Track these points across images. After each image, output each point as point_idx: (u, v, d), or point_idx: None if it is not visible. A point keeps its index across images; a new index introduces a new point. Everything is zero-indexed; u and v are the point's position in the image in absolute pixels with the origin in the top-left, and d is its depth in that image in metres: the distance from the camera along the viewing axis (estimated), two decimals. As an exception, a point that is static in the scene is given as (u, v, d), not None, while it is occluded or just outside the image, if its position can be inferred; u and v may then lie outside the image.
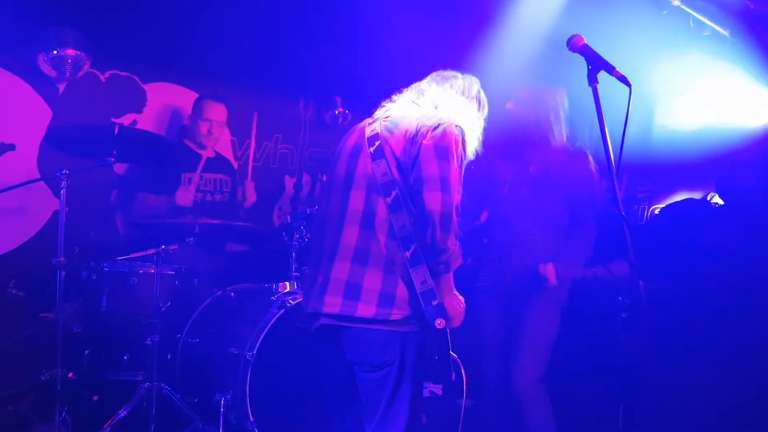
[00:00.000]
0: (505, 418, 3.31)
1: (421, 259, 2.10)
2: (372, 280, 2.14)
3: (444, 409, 4.41)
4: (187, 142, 4.56)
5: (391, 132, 2.28)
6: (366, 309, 2.12)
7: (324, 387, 2.48)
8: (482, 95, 2.55)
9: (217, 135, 4.59)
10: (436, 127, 2.22)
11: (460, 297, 2.29)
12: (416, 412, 2.19)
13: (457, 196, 2.15)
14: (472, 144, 2.45)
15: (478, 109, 2.52)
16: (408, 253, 2.11)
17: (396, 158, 2.22)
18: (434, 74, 2.54)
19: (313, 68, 5.26)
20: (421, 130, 2.22)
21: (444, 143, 2.19)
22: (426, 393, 4.67)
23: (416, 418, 2.20)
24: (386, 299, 2.12)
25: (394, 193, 2.16)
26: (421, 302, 2.09)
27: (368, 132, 2.32)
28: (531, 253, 3.18)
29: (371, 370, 2.17)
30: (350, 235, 2.21)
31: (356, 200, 2.24)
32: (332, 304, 2.18)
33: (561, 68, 2.88)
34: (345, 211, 2.25)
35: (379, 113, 2.44)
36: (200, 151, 4.53)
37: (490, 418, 3.34)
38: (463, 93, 2.48)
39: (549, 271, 3.08)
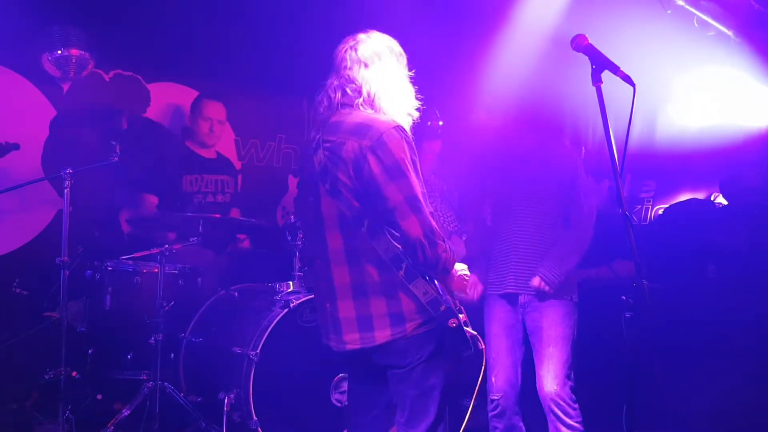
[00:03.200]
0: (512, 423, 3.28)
1: (416, 274, 2.10)
2: (378, 307, 2.13)
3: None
4: (188, 143, 4.56)
5: (335, 163, 2.14)
6: (383, 334, 2.13)
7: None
8: (392, 44, 2.34)
9: (218, 133, 4.59)
10: (375, 145, 2.07)
11: (460, 270, 2.32)
12: (443, 407, 2.20)
13: (428, 207, 2.13)
14: (410, 112, 2.28)
15: (398, 63, 2.32)
16: (401, 273, 2.09)
17: (352, 190, 2.11)
18: (346, 48, 2.33)
19: (317, 67, 5.25)
20: (362, 152, 2.08)
21: (391, 160, 2.06)
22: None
23: (444, 413, 2.21)
24: (397, 318, 2.12)
25: (366, 222, 2.11)
26: (430, 311, 2.10)
27: (317, 166, 2.20)
28: (534, 258, 3.15)
29: (398, 368, 2.19)
30: (341, 275, 2.18)
31: (333, 240, 2.18)
32: (352, 341, 2.18)
33: (565, 68, 2.87)
34: (327, 251, 2.20)
35: (316, 133, 2.30)
36: (202, 152, 4.54)
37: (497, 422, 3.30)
38: (379, 58, 2.27)
39: (536, 282, 3.08)
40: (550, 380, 3.07)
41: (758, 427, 3.53)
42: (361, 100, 2.22)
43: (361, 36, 2.33)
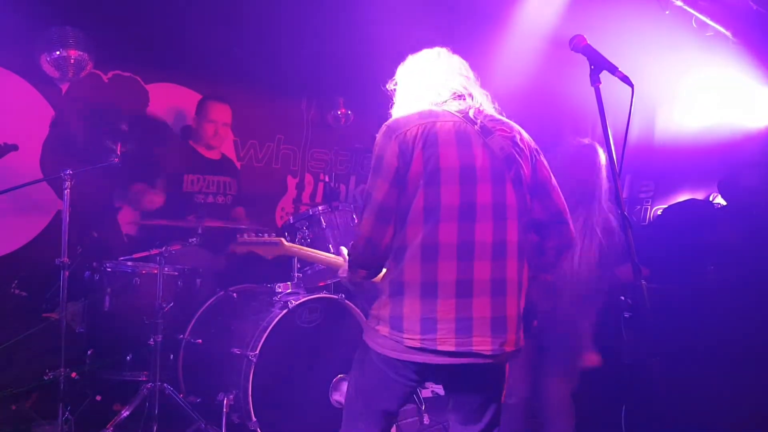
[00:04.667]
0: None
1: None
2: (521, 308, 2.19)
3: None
4: (192, 143, 4.56)
5: (519, 153, 2.17)
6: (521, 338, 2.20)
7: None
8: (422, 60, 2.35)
9: (223, 135, 4.60)
10: (538, 147, 2.26)
11: None
12: None
13: None
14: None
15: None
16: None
17: (528, 185, 2.18)
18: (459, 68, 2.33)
19: (316, 69, 5.27)
20: (536, 151, 2.24)
21: (549, 166, 2.26)
22: (428, 393, 4.67)
23: None
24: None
25: (526, 219, 2.19)
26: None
27: (499, 151, 2.13)
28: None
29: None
30: (513, 269, 2.12)
31: (511, 231, 2.13)
32: (512, 342, 2.12)
33: (563, 68, 2.87)
34: (495, 241, 2.10)
35: (480, 114, 2.21)
36: (206, 153, 4.54)
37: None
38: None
39: None
40: (552, 386, 3.10)
41: (758, 427, 3.53)
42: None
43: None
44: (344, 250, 2.58)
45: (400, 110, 2.28)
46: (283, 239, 2.89)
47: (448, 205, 2.05)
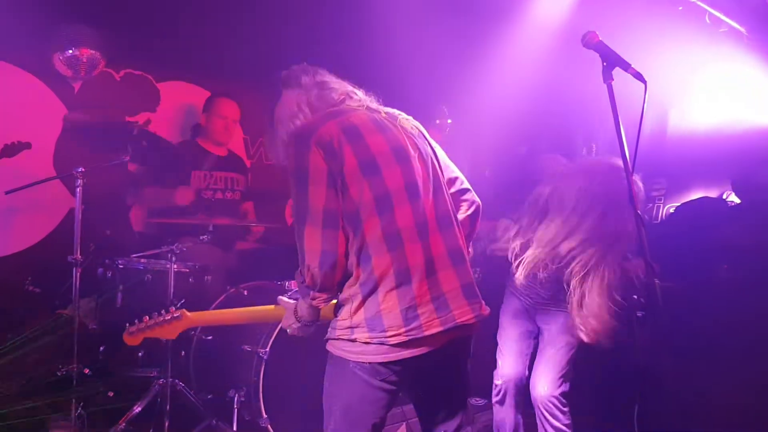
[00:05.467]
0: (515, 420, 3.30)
1: None
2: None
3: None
4: (199, 141, 4.57)
5: (422, 132, 2.33)
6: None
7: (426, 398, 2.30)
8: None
9: (232, 132, 4.61)
10: None
11: None
12: None
13: None
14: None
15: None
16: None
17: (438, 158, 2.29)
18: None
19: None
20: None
21: None
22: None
23: None
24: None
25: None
26: None
27: (410, 129, 2.25)
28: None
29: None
30: (460, 237, 2.17)
31: (448, 202, 2.19)
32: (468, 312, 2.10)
33: (575, 65, 2.86)
34: (447, 213, 2.16)
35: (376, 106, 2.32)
36: (214, 150, 4.55)
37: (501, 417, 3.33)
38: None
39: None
40: (542, 382, 3.13)
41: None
42: None
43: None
44: (284, 299, 2.37)
45: (293, 123, 2.20)
46: (185, 311, 2.63)
47: (396, 188, 2.03)
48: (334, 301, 2.15)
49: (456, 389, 2.24)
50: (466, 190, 2.33)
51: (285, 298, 2.35)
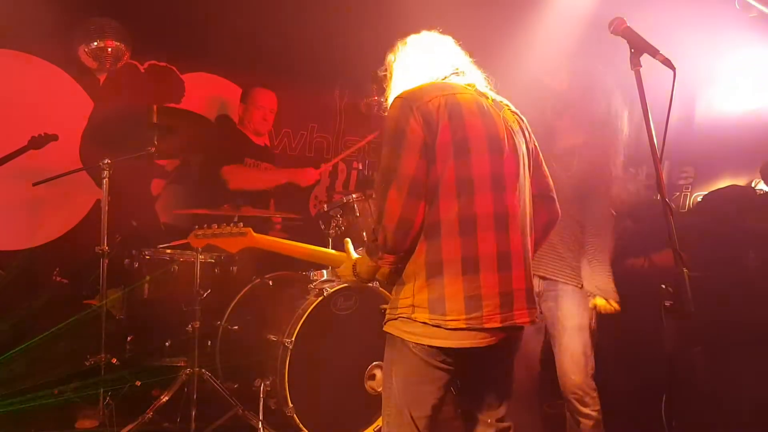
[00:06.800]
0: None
1: None
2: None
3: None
4: (241, 128, 4.60)
5: (524, 127, 2.27)
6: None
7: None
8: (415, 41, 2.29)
9: (270, 121, 4.65)
10: None
11: None
12: None
13: None
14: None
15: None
16: None
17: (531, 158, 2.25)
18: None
19: (349, 56, 5.26)
20: (526, 121, 2.29)
21: None
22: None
23: None
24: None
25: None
26: None
27: (511, 123, 2.19)
28: (567, 250, 3.11)
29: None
30: (531, 242, 2.17)
31: (529, 204, 2.19)
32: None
33: (603, 51, 2.81)
34: (526, 214, 2.15)
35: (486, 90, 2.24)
36: (256, 139, 4.58)
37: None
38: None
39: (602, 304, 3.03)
40: (568, 372, 3.08)
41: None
42: None
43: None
44: (349, 244, 2.40)
45: (402, 85, 2.20)
46: (251, 230, 2.72)
47: (480, 175, 2.00)
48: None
49: (503, 382, 2.25)
50: (552, 199, 2.31)
51: (351, 247, 2.38)
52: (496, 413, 2.22)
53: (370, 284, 3.31)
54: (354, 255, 2.34)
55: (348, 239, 2.42)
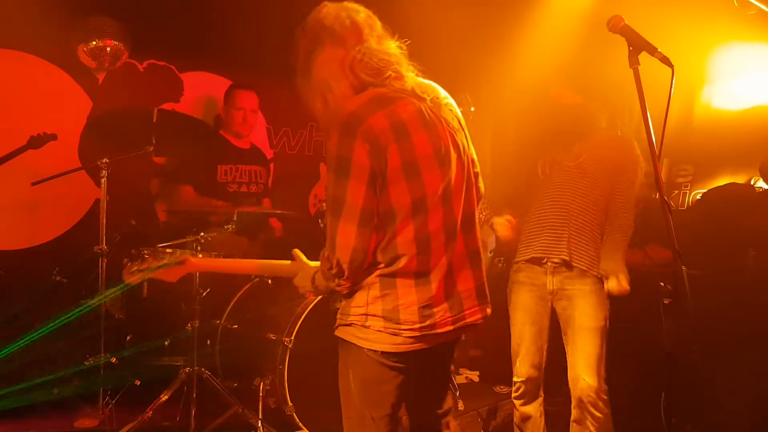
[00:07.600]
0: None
1: None
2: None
3: (480, 395, 4.42)
4: (222, 132, 4.59)
5: (460, 120, 2.21)
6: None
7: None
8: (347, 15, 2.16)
9: (252, 123, 4.61)
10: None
11: None
12: None
13: None
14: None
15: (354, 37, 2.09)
16: None
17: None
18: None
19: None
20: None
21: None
22: (463, 379, 4.68)
23: None
24: None
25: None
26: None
27: (451, 121, 2.12)
28: (570, 246, 3.10)
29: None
30: (478, 239, 2.14)
31: (473, 202, 2.17)
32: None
33: (601, 49, 2.81)
34: (471, 214, 2.12)
35: (420, 86, 2.09)
36: (236, 142, 4.56)
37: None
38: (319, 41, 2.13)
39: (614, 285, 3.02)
40: (583, 373, 3.05)
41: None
42: None
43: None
44: (299, 253, 2.36)
45: (335, 85, 2.07)
46: (190, 256, 2.58)
47: (432, 192, 1.96)
48: None
49: (447, 375, 2.33)
50: (476, 175, 2.22)
51: (304, 258, 2.33)
52: (446, 405, 2.27)
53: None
54: (309, 263, 2.29)
55: (297, 249, 2.37)
